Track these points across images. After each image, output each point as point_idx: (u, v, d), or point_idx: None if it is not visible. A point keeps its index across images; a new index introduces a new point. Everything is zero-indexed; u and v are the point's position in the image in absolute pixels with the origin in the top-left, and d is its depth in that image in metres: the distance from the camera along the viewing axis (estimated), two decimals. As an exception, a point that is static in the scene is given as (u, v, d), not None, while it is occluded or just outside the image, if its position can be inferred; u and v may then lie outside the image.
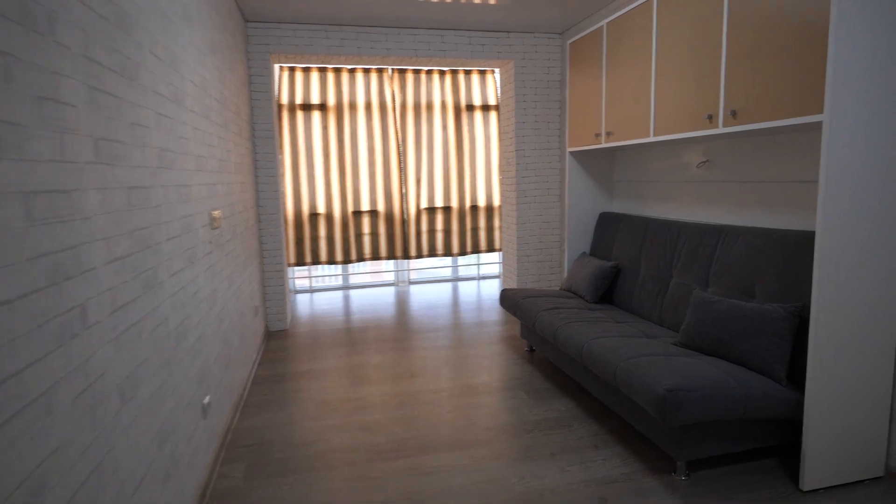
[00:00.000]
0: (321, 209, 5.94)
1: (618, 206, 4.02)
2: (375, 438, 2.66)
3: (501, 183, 5.35)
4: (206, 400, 2.35)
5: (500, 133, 5.33)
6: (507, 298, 3.82)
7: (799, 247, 2.29)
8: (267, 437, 2.71)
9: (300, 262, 5.94)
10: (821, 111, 1.91)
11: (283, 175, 5.77)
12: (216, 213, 2.72)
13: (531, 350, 3.90)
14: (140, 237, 1.68)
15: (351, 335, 4.41)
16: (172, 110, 2.09)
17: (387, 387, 3.29)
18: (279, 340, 4.33)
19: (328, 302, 5.71)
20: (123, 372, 1.50)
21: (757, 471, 2.23)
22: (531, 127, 4.94)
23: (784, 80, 2.07)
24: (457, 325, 4.60)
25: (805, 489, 2.05)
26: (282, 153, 5.74)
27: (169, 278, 1.93)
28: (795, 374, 2.23)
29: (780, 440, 2.24)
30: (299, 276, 6.40)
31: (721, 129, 2.41)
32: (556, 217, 5.09)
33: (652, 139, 2.94)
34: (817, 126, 2.12)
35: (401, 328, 4.57)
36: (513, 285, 5.19)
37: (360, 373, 3.54)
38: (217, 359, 2.60)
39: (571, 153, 3.98)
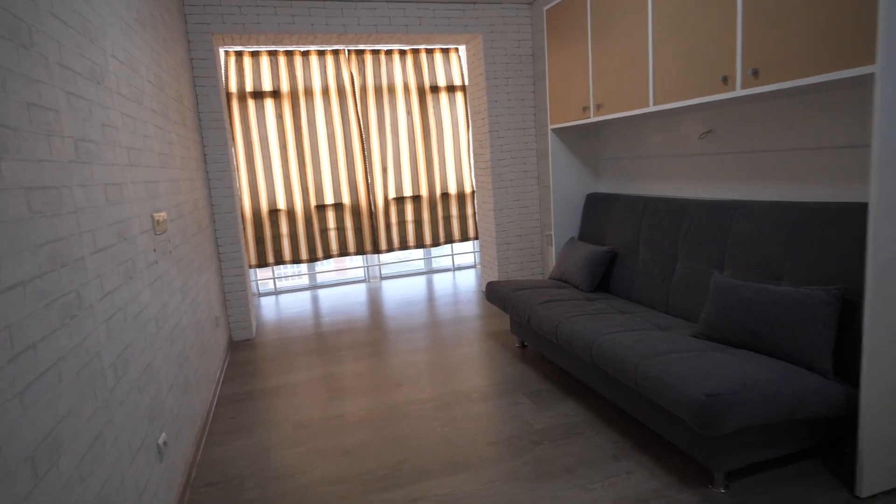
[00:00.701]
0: (281, 205, 5.49)
1: (606, 187, 3.75)
2: (365, 464, 2.31)
3: (475, 167, 5.02)
4: (162, 439, 1.96)
5: (471, 114, 5.00)
6: (494, 292, 3.51)
7: (833, 221, 2.05)
8: (237, 471, 2.34)
9: (262, 262, 5.49)
10: (872, 61, 1.64)
11: (237, 170, 5.30)
12: (160, 216, 2.30)
13: (522, 346, 3.61)
14: (51, 253, 1.28)
15: (323, 341, 4.03)
16: (90, 90, 1.67)
17: (370, 400, 2.94)
18: (245, 352, 3.91)
19: (295, 304, 5.30)
20: (37, 437, 1.11)
21: (801, 476, 1.99)
22: (504, 106, 4.62)
23: (819, 27, 1.80)
24: (437, 323, 4.28)
25: (863, 495, 1.82)
26: (234, 146, 5.26)
27: (100, 301, 1.54)
28: (839, 365, 2.00)
29: (820, 439, 2.01)
30: (262, 278, 5.95)
31: (739, 92, 2.14)
32: (534, 201, 4.80)
33: (651, 109, 2.66)
34: (861, 81, 1.87)
35: (377, 330, 4.22)
36: (494, 275, 4.89)
37: (337, 385, 3.18)
38: (172, 386, 2.21)
39: (554, 130, 3.68)
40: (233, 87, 5.22)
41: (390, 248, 5.87)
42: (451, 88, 5.88)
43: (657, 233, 2.99)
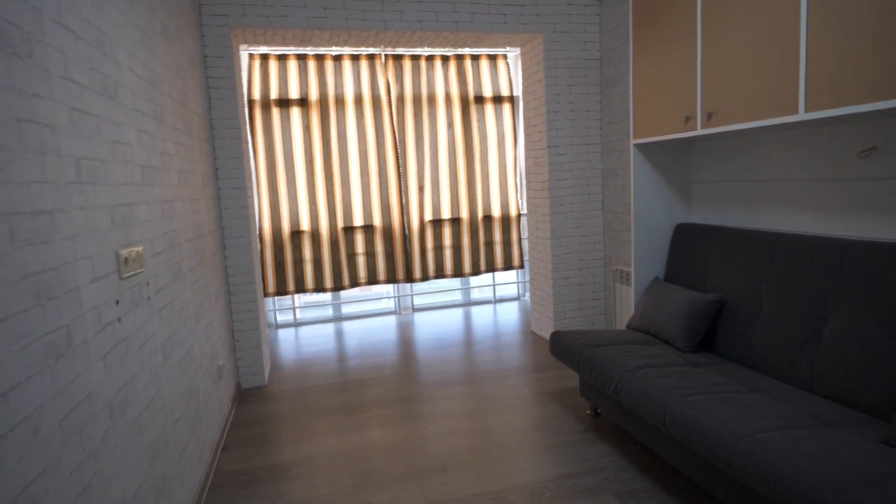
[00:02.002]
0: (305, 226, 4.89)
1: (701, 216, 3.03)
2: None
3: (529, 188, 4.34)
4: (105, 592, 1.29)
5: (525, 127, 4.33)
6: (563, 347, 2.79)
7: None
8: None
9: (281, 290, 4.88)
10: None
11: (258, 185, 4.73)
12: (130, 252, 1.67)
13: (595, 413, 2.88)
14: None
15: (347, 394, 3.36)
16: (-9, 63, 1.04)
17: (407, 493, 2.24)
18: (254, 405, 3.27)
19: (317, 339, 4.65)
20: None
21: None
22: (566, 118, 3.94)
23: None
24: (481, 373, 3.58)
25: None
26: (255, 159, 4.70)
27: (-28, 418, 0.89)
28: None
29: None
30: (281, 308, 5.32)
31: None
32: (598, 229, 4.09)
33: (803, 117, 1.95)
34: None
35: (410, 381, 3.53)
36: (547, 315, 4.17)
37: (364, 465, 2.49)
38: (137, 495, 1.55)
39: (637, 147, 2.98)
40: (256, 94, 4.66)
41: (425, 277, 5.21)
42: (497, 99, 5.24)
43: (791, 280, 2.25)
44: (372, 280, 5.12)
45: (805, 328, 2.16)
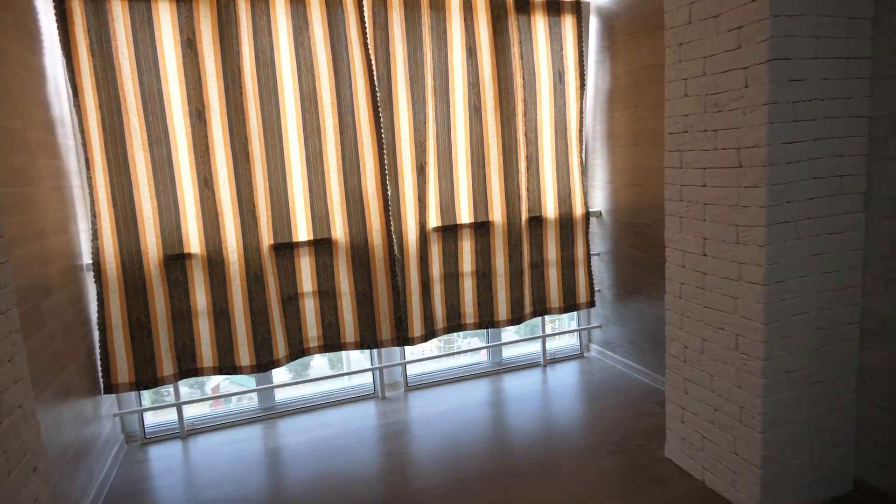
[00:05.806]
0: (193, 244, 2.41)
1: None
2: None
3: (677, 163, 1.99)
4: None
5: (684, 27, 1.97)
6: None
7: None
8: None
9: (145, 378, 2.39)
10: None
11: (90, 164, 2.24)
12: None
13: None
14: None
15: None
16: None
17: None
18: None
19: (220, 479, 2.19)
20: None
21: None
22: (806, -9, 1.63)
23: None
24: None
25: None
26: (81, 110, 2.19)
27: None
28: None
29: None
30: (159, 404, 2.80)
31: None
32: (854, 260, 1.81)
33: None
34: None
35: None
36: (741, 444, 1.86)
37: None
38: None
39: None
40: (68, -35, 2.13)
41: (429, 334, 2.82)
42: (553, 6, 2.89)
43: None
44: (332, 345, 2.70)
45: None
